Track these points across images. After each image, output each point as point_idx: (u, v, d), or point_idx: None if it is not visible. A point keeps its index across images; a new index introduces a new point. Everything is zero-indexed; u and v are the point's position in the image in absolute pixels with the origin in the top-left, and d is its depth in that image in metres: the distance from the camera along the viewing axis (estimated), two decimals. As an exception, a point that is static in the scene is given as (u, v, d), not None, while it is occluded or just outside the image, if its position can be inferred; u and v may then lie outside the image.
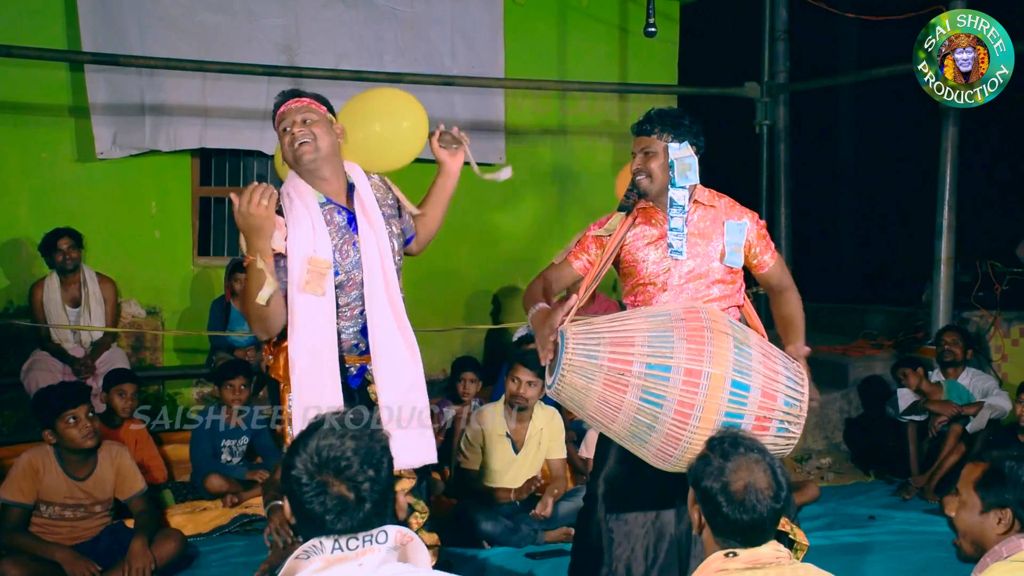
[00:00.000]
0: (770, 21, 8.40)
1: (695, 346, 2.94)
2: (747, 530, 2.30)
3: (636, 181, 3.43)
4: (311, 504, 1.92)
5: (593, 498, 3.46)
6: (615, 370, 2.93)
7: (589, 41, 8.75)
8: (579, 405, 3.03)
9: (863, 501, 5.99)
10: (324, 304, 3.19)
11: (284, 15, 7.59)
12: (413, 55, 7.94)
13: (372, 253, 3.28)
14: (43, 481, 4.33)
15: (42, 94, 6.99)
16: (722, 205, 3.48)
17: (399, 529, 1.94)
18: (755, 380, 2.96)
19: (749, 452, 2.36)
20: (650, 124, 3.42)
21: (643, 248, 3.43)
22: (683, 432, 2.90)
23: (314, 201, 3.25)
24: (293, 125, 3.22)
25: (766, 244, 3.51)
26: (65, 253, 6.27)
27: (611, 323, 3.08)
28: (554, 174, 8.70)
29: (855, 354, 7.59)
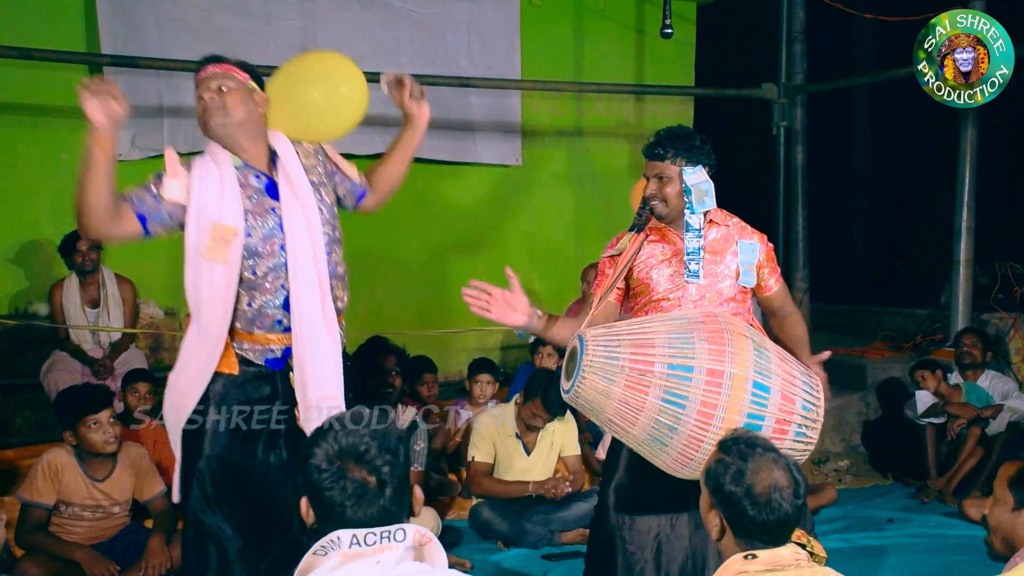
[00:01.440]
0: (787, 22, 8.37)
1: (716, 347, 2.93)
2: (773, 530, 2.30)
3: (651, 206, 3.41)
4: (331, 491, 1.92)
5: (604, 507, 3.45)
6: (637, 370, 2.91)
7: (606, 42, 8.74)
8: (598, 408, 3.00)
9: (881, 504, 5.96)
10: (225, 274, 3.07)
11: (301, 17, 7.61)
12: (430, 56, 7.96)
13: (297, 221, 3.16)
14: (63, 482, 4.35)
15: (61, 96, 7.01)
16: (734, 225, 3.48)
17: (418, 528, 1.94)
18: (775, 382, 2.95)
19: (766, 452, 2.36)
20: (662, 148, 3.37)
21: (656, 266, 3.42)
22: (705, 434, 2.88)
23: (229, 164, 3.16)
24: (207, 91, 3.16)
25: (773, 267, 3.53)
26: (84, 254, 6.29)
27: (630, 325, 3.07)
28: (570, 176, 8.70)
29: (873, 356, 7.56)
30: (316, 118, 3.43)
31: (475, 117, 8.11)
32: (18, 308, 6.88)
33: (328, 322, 3.20)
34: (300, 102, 3.37)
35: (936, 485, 6.05)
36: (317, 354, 3.18)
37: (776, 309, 3.58)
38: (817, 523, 5.10)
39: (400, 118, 7.95)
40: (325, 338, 3.19)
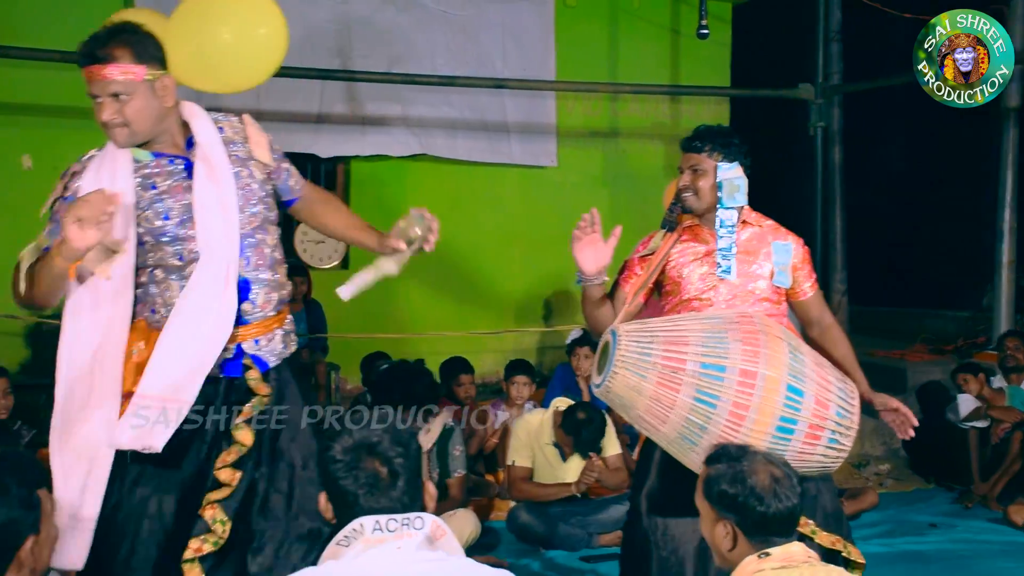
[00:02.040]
0: (824, 22, 8.31)
1: (750, 348, 2.88)
2: (784, 521, 2.35)
3: (683, 198, 3.39)
4: (344, 480, 1.97)
5: (637, 512, 3.41)
6: (669, 368, 2.87)
7: (640, 43, 8.71)
8: (629, 404, 2.96)
9: (923, 508, 5.89)
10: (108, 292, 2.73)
11: (336, 20, 7.64)
12: (464, 58, 7.97)
13: (209, 204, 2.77)
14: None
15: (101, 99, 7.09)
16: (768, 226, 3.45)
17: (435, 520, 1.97)
18: (809, 387, 2.90)
19: (755, 454, 2.44)
20: (700, 141, 3.37)
21: (688, 264, 3.38)
22: (736, 434, 2.84)
23: (128, 165, 2.78)
24: (104, 101, 2.73)
25: (809, 271, 3.47)
26: (124, 255, 6.34)
27: (664, 323, 3.05)
28: (605, 177, 8.67)
29: (914, 359, 7.48)
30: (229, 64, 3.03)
31: (509, 118, 8.11)
32: (61, 308, 6.94)
33: (222, 314, 2.75)
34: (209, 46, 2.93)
35: (980, 490, 5.97)
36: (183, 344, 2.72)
37: (813, 319, 3.49)
38: (858, 527, 5.03)
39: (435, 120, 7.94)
40: (206, 329, 2.73)
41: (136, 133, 2.75)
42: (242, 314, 2.82)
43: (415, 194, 7.92)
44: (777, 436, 2.83)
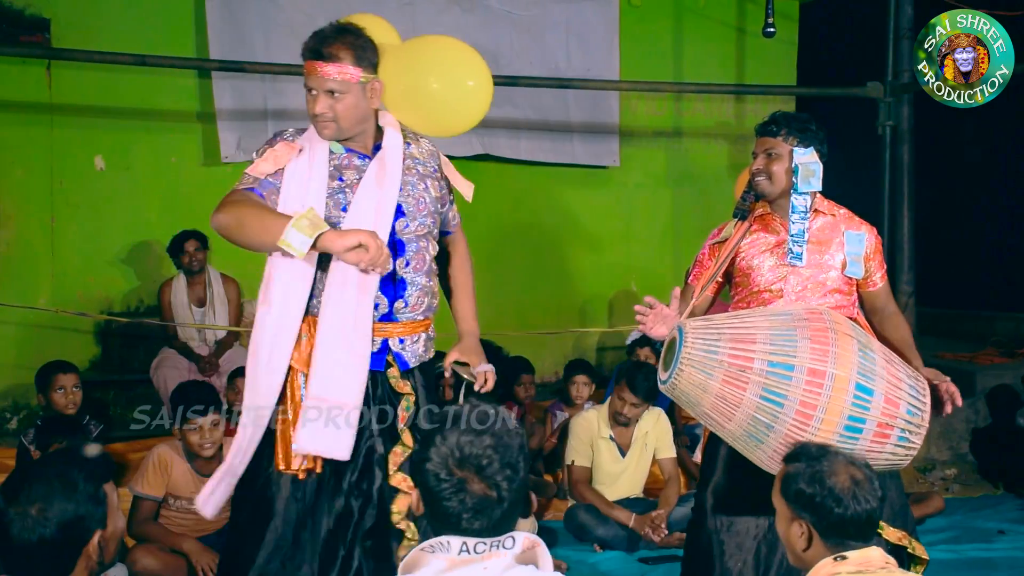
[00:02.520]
0: (894, 19, 8.16)
1: (819, 346, 2.86)
2: (861, 524, 2.32)
3: (755, 182, 3.38)
4: (449, 502, 1.92)
5: (702, 510, 3.41)
6: (735, 366, 2.87)
7: (705, 42, 8.65)
8: (695, 401, 2.96)
9: (991, 515, 5.77)
10: (300, 262, 2.87)
11: (402, 20, 7.69)
12: (528, 58, 7.98)
13: (365, 205, 2.95)
14: (171, 475, 4.49)
15: (172, 101, 7.25)
16: (841, 215, 3.42)
17: (527, 535, 1.94)
18: (879, 385, 2.87)
19: (836, 454, 2.42)
20: (776, 126, 3.37)
21: (759, 255, 3.38)
22: (803, 434, 2.83)
23: (324, 154, 2.99)
24: (318, 95, 2.94)
25: (880, 261, 3.45)
26: (191, 255, 6.49)
27: (731, 319, 3.03)
28: (668, 177, 8.63)
29: (983, 362, 7.33)
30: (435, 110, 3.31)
31: (573, 118, 8.11)
32: (129, 306, 7.12)
33: (361, 315, 2.92)
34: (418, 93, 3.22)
35: (1050, 497, 5.85)
36: (338, 348, 2.90)
37: (879, 308, 3.49)
38: (923, 532, 4.95)
39: (498, 120, 7.95)
40: (352, 333, 2.91)
41: (342, 129, 2.97)
42: (394, 311, 3.03)
43: (478, 195, 7.94)
44: (845, 435, 2.82)
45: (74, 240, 6.95)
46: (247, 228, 2.86)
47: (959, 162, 11.49)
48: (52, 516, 2.09)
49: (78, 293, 6.93)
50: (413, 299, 3.04)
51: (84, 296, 6.95)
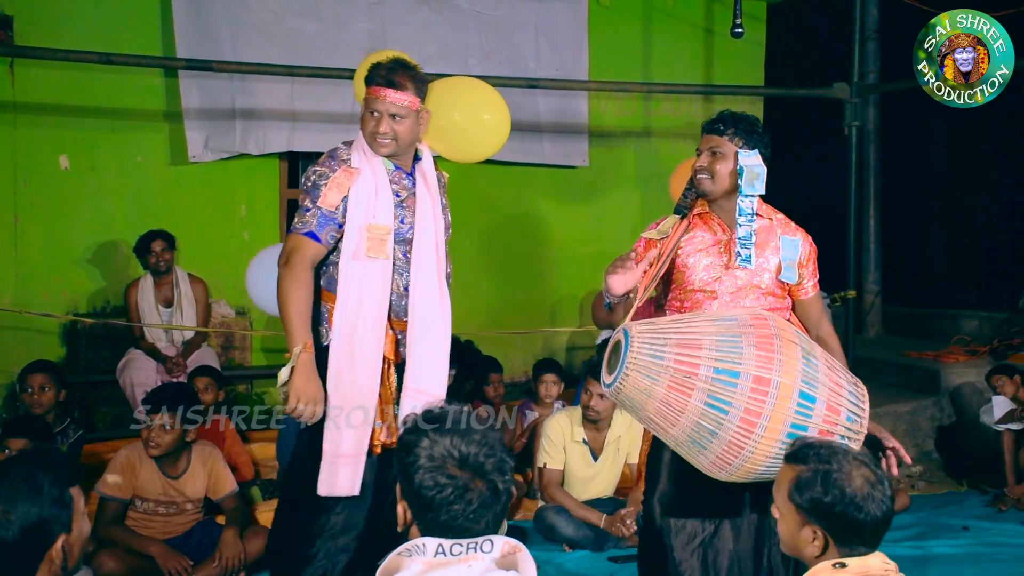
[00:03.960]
0: (860, 20, 8.22)
1: (764, 353, 2.85)
2: (879, 527, 2.25)
3: (697, 180, 3.35)
4: (454, 505, 1.91)
5: (650, 519, 3.40)
6: (681, 372, 2.85)
7: (674, 42, 8.69)
8: (639, 406, 2.94)
9: (956, 511, 5.83)
10: (379, 268, 3.31)
11: (371, 20, 7.68)
12: (497, 58, 7.98)
13: (427, 215, 3.42)
14: (138, 477, 4.45)
15: (138, 99, 7.19)
16: (778, 220, 3.41)
17: (507, 540, 1.93)
18: (821, 392, 2.87)
19: (845, 454, 2.32)
20: (723, 124, 3.34)
21: (694, 254, 3.36)
22: (747, 441, 2.82)
23: (382, 168, 3.38)
24: (384, 115, 3.33)
25: (814, 269, 3.44)
26: (158, 255, 6.44)
27: (676, 324, 3.00)
28: (638, 176, 8.66)
29: (948, 360, 7.40)
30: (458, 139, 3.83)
31: (542, 118, 8.11)
32: (95, 307, 7.05)
33: (444, 311, 3.43)
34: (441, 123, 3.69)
35: (1014, 493, 5.90)
36: (429, 340, 3.37)
37: (811, 322, 3.44)
38: (889, 530, 5.00)
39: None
40: (439, 326, 3.41)
41: (399, 147, 3.38)
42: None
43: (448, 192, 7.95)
44: (786, 443, 2.79)
45: (38, 240, 6.87)
46: (282, 312, 3.28)
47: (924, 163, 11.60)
48: (15, 519, 2.06)
49: (43, 294, 6.86)
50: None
51: (49, 297, 6.88)
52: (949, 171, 11.55)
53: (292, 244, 3.31)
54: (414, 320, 3.35)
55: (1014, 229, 7.75)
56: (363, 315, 3.28)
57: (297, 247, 3.30)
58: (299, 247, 3.30)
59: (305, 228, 3.30)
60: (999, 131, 9.18)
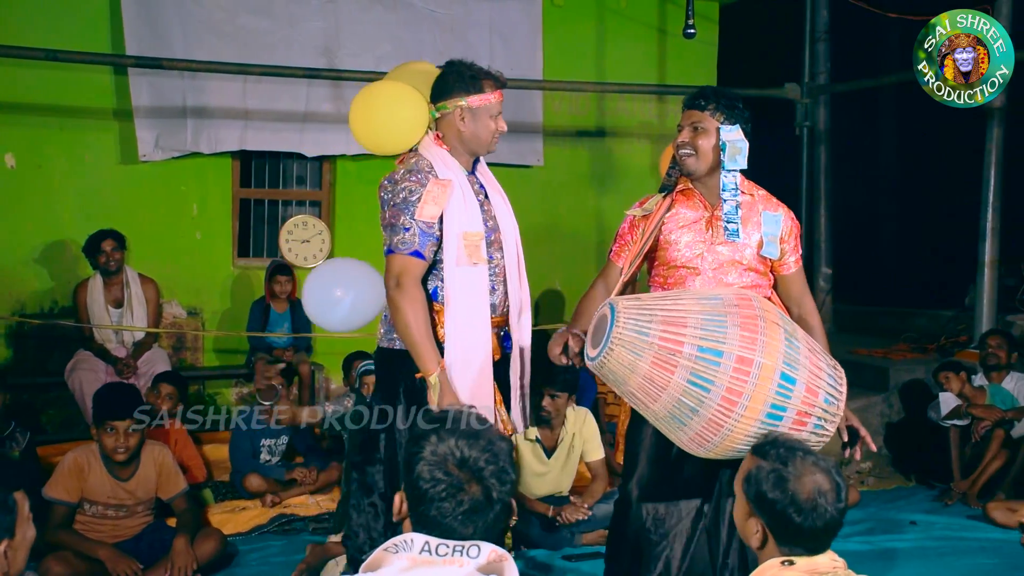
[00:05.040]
0: (811, 22, 8.34)
1: (748, 334, 2.88)
2: (819, 535, 2.27)
3: (680, 157, 3.37)
4: (444, 502, 1.92)
5: (627, 502, 3.41)
6: (665, 349, 2.86)
7: (628, 42, 8.73)
8: (621, 380, 2.96)
9: (904, 506, 5.92)
10: (480, 272, 3.41)
11: (324, 18, 7.64)
12: (451, 57, 7.88)
13: (505, 213, 3.56)
14: (87, 480, 4.39)
15: (86, 97, 7.09)
16: (760, 196, 3.44)
17: (493, 548, 1.93)
18: (801, 374, 2.91)
19: (806, 455, 2.34)
20: (704, 100, 3.35)
21: (676, 230, 3.37)
22: (727, 419, 2.85)
23: (463, 175, 3.44)
24: (500, 117, 3.46)
25: (796, 245, 3.46)
26: (108, 255, 6.35)
27: (661, 301, 3.02)
28: (592, 176, 8.69)
29: (896, 357, 7.50)
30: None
31: (496, 117, 8.10)
32: (43, 308, 6.95)
33: (527, 302, 3.60)
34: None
35: (960, 488, 6.00)
36: (525, 334, 3.55)
37: (793, 299, 3.47)
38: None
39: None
40: (527, 317, 3.58)
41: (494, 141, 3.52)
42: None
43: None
44: (766, 422, 2.85)
45: (-16, 237, 6.77)
46: (406, 337, 3.28)
47: (875, 163, 11.78)
48: (-43, 524, 2.03)
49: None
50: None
51: (-5, 297, 6.78)
52: (899, 171, 11.73)
53: (400, 266, 3.29)
54: (518, 318, 3.52)
55: (962, 229, 7.88)
56: (473, 319, 3.38)
57: (407, 268, 3.29)
58: (408, 268, 3.29)
59: (408, 248, 3.29)
60: (948, 132, 9.34)
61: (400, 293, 3.26)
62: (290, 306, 7.00)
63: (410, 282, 3.28)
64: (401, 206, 3.30)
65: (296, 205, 8.03)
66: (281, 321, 6.98)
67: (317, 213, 7.87)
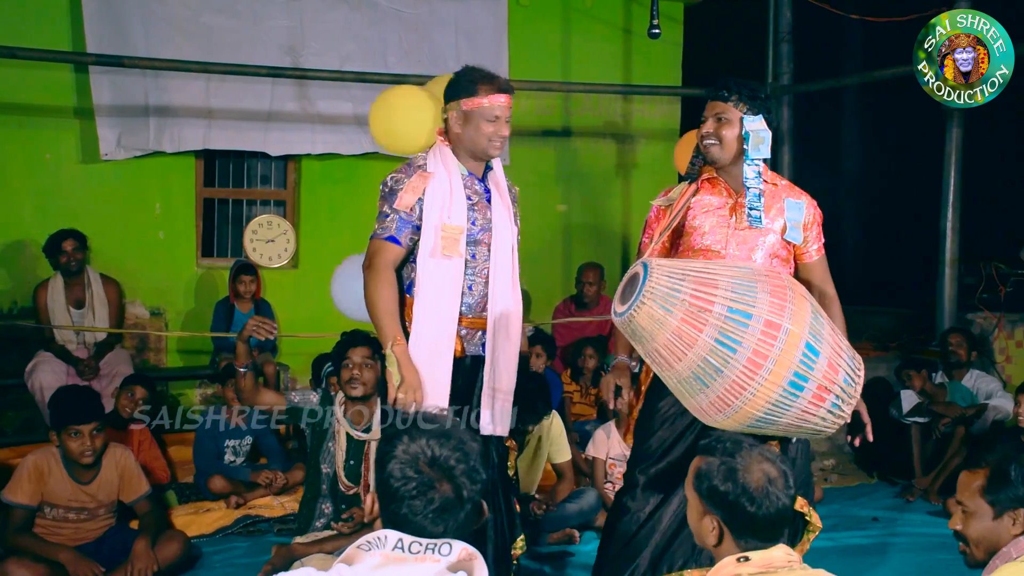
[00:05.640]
0: (774, 23, 8.39)
1: (777, 301, 2.92)
2: (772, 524, 2.30)
3: (705, 147, 3.44)
4: (414, 500, 1.93)
5: (632, 489, 3.44)
6: (696, 306, 2.89)
7: (593, 42, 8.75)
8: (648, 337, 2.97)
9: (866, 503, 5.98)
10: (453, 266, 3.47)
11: (288, 17, 7.59)
12: (417, 56, 7.95)
13: (501, 218, 3.58)
14: (47, 483, 4.33)
15: (47, 95, 7.01)
16: (782, 185, 3.52)
17: (465, 546, 1.94)
18: (824, 348, 2.94)
19: (751, 447, 2.37)
20: (727, 91, 3.42)
21: (701, 215, 3.45)
22: (750, 382, 2.88)
23: (457, 172, 3.53)
24: (502, 121, 3.52)
25: (818, 233, 3.54)
26: (69, 255, 6.28)
27: (694, 264, 3.08)
28: (557, 175, 8.70)
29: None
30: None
31: (462, 116, 8.09)
32: (2, 308, 6.87)
33: (517, 312, 3.60)
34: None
35: (921, 484, 6.07)
36: (506, 340, 3.56)
37: (816, 283, 3.53)
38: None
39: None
40: (514, 324, 3.59)
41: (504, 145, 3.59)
42: None
43: (366, 193, 7.89)
44: (788, 391, 2.89)
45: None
46: (371, 313, 3.45)
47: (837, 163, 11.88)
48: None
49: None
50: None
51: (-48, 298, 6.69)
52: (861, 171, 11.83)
53: (373, 248, 3.47)
54: (493, 320, 3.52)
55: (923, 229, 7.96)
56: (440, 311, 3.46)
57: (379, 250, 3.46)
58: (380, 250, 3.46)
59: (385, 233, 3.46)
60: (909, 132, 9.43)
61: (370, 273, 3.44)
62: (254, 306, 6.96)
63: (380, 263, 3.45)
64: (387, 196, 3.49)
65: (260, 205, 7.98)
66: (245, 321, 6.92)
67: (282, 213, 7.83)
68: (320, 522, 4.59)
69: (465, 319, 3.52)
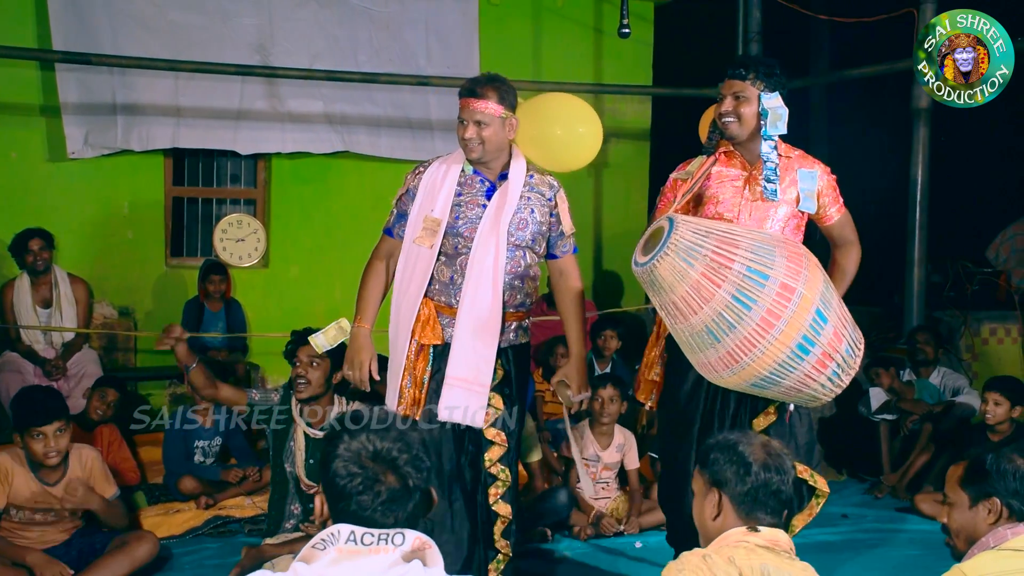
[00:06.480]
0: (743, 22, 8.43)
1: (794, 266, 3.06)
2: (773, 495, 2.40)
3: (724, 124, 3.56)
4: (362, 495, 1.94)
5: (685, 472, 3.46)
6: (717, 262, 3.02)
7: (564, 41, 8.76)
8: (668, 288, 3.08)
9: (835, 500, 5.98)
10: (427, 255, 3.62)
11: (257, 14, 7.55)
12: (387, 55, 7.93)
13: (492, 220, 3.60)
14: (13, 484, 4.27)
15: (12, 93, 6.93)
16: (796, 156, 3.66)
17: (418, 535, 1.95)
18: (832, 317, 3.08)
19: (754, 436, 2.53)
20: (745, 69, 3.54)
21: (717, 186, 3.59)
22: (761, 340, 3.01)
23: (457, 168, 3.68)
24: (469, 122, 3.57)
25: (835, 197, 3.69)
26: (36, 254, 6.22)
27: (717, 223, 3.23)
28: (529, 174, 8.70)
29: (828, 354, 7.63)
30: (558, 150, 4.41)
31: (434, 116, 8.09)
32: (-32, 308, 6.77)
33: (493, 308, 3.60)
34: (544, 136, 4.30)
35: (889, 481, 6.13)
36: (472, 333, 3.58)
37: (836, 237, 3.76)
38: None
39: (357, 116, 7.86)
40: (491, 320, 3.60)
41: (485, 151, 3.58)
42: None
43: (337, 191, 7.87)
44: (795, 352, 3.03)
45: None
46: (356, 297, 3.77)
47: (806, 161, 11.92)
48: None
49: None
50: (507, 295, 3.63)
51: (-84, 298, 6.58)
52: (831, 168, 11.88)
53: (377, 242, 3.79)
54: (461, 311, 3.59)
55: (890, 229, 8.04)
56: (406, 294, 3.65)
57: (378, 243, 3.79)
58: (379, 243, 3.78)
59: (385, 227, 3.78)
60: (877, 131, 9.51)
61: (367, 264, 3.79)
62: (225, 305, 6.92)
63: (375, 254, 3.78)
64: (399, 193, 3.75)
65: (230, 204, 7.93)
66: (215, 321, 6.89)
67: (252, 212, 7.79)
68: (290, 523, 4.57)
69: (446, 309, 3.63)
